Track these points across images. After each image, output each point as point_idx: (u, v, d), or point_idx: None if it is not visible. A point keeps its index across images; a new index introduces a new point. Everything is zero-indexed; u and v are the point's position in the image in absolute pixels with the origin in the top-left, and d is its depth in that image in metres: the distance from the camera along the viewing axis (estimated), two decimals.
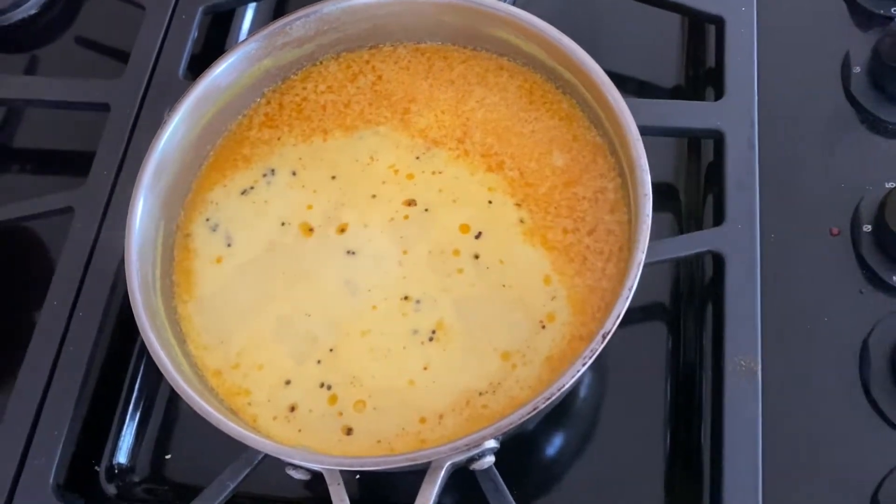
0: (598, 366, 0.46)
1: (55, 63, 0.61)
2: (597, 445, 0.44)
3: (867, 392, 0.41)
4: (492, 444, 0.34)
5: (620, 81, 0.54)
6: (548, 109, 0.42)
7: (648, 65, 0.54)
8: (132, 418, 0.47)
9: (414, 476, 0.35)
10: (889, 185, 0.45)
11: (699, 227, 0.48)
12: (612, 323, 0.34)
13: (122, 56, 0.56)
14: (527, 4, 0.54)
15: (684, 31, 0.54)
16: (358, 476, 0.42)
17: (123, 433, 0.46)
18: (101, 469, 0.45)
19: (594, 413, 0.45)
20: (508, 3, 0.42)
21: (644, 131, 0.45)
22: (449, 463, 0.34)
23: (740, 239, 0.43)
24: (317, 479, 0.36)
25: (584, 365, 0.33)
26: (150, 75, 0.52)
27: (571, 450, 0.45)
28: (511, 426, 0.33)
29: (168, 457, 0.46)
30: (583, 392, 0.46)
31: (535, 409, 0.33)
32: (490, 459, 0.35)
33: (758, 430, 0.40)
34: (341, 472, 0.35)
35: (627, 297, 0.34)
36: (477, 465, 0.35)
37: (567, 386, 0.33)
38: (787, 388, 0.42)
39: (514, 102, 0.43)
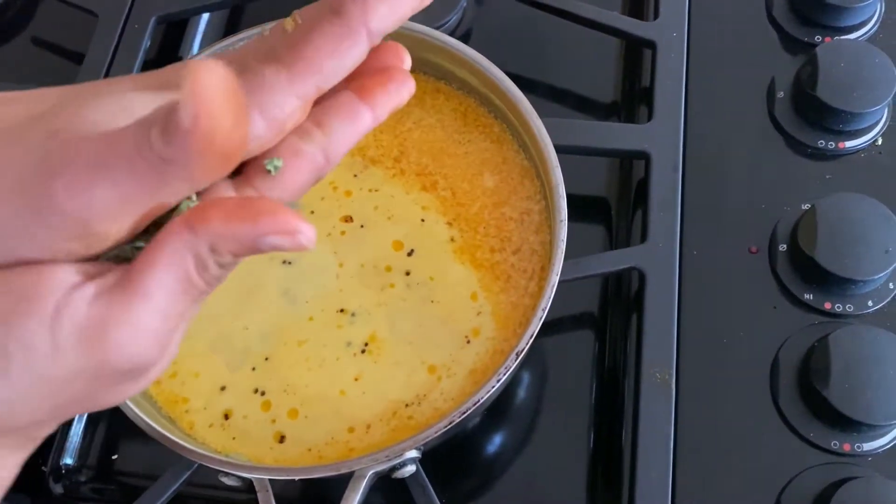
0: (530, 371, 0.48)
1: (10, 64, 0.61)
2: (523, 448, 0.46)
3: (776, 403, 0.44)
4: (413, 454, 0.36)
5: (561, 96, 0.56)
6: (481, 132, 0.44)
7: (588, 81, 0.56)
8: (80, 419, 0.48)
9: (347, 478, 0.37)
10: (804, 207, 0.48)
11: (629, 241, 0.50)
12: (526, 342, 0.36)
13: (78, 58, 0.57)
14: (476, 24, 0.56)
15: (622, 50, 0.56)
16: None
17: (71, 434, 0.47)
18: (46, 469, 0.46)
19: (523, 418, 0.47)
20: (447, 32, 0.43)
21: (575, 151, 0.48)
22: (371, 472, 0.36)
23: (661, 257, 0.45)
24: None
25: (498, 381, 0.35)
26: None
27: (498, 452, 0.47)
28: (429, 438, 0.35)
29: (115, 457, 0.48)
30: (517, 397, 0.48)
31: (451, 423, 0.35)
32: (411, 469, 0.37)
33: (670, 437, 0.42)
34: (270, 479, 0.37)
35: (541, 318, 0.36)
36: (399, 474, 0.37)
37: (483, 400, 0.35)
38: (701, 397, 0.44)
39: (449, 124, 0.44)
